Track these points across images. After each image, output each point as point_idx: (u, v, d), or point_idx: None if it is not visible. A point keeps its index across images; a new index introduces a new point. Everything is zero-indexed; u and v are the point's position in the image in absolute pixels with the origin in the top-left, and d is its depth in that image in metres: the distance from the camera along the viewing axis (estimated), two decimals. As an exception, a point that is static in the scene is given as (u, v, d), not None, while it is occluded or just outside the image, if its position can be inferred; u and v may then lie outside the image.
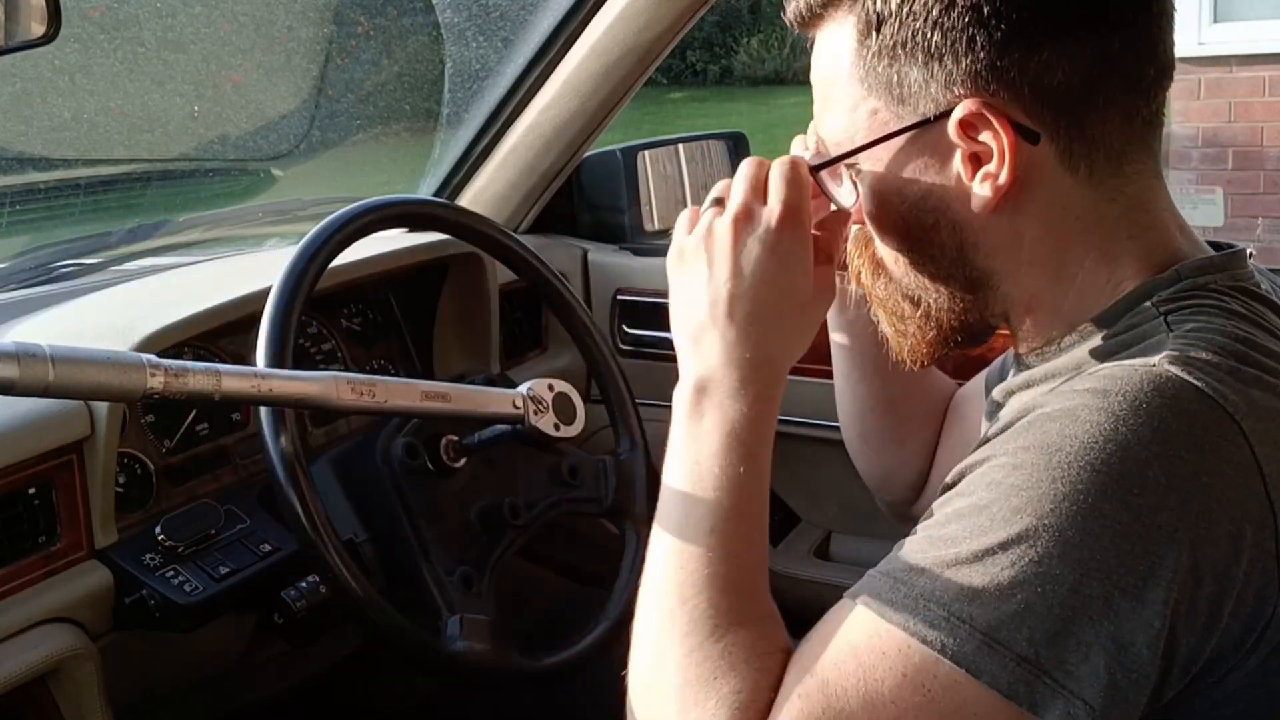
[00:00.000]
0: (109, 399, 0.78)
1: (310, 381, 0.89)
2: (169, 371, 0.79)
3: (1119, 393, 0.63)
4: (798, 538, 1.63)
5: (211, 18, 2.00)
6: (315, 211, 1.65)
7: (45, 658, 0.95)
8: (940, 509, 0.68)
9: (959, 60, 0.70)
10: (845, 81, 0.76)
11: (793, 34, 0.81)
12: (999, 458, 0.66)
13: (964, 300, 0.79)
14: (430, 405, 0.98)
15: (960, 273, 0.77)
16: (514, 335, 1.56)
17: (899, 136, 0.74)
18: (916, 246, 0.77)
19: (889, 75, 0.73)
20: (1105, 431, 0.62)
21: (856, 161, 0.78)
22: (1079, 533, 0.61)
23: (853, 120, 0.76)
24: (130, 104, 1.87)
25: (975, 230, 0.75)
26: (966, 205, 0.74)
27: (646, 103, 8.50)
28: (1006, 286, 0.77)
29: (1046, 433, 0.64)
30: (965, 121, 0.71)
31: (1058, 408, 0.65)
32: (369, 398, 0.92)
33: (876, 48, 0.73)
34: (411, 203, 1.26)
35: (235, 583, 1.03)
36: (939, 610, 0.62)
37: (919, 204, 0.76)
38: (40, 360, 0.73)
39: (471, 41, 1.61)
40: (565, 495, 1.18)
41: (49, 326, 1.15)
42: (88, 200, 1.71)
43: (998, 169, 0.71)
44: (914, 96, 0.73)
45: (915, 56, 0.72)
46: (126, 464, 1.10)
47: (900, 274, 0.80)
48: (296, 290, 1.01)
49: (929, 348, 0.82)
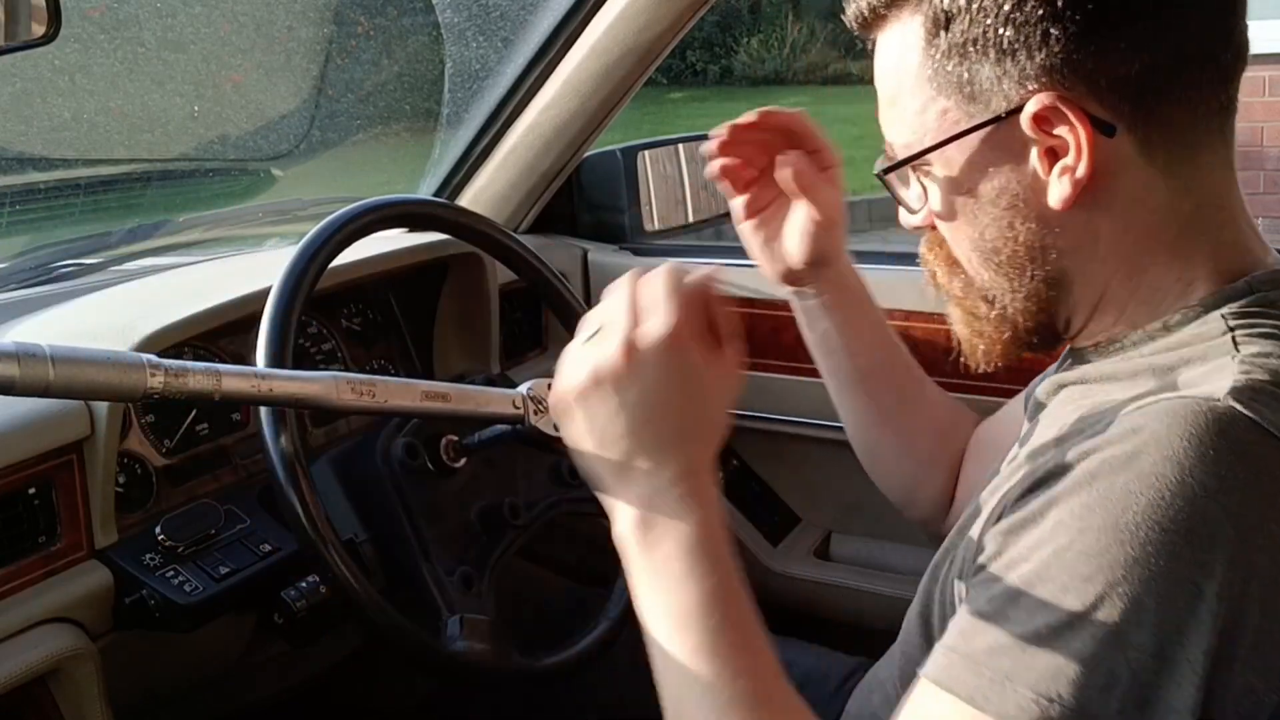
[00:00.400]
0: (109, 399, 0.78)
1: (310, 381, 0.89)
2: (169, 371, 0.79)
3: (1183, 436, 0.62)
4: (798, 538, 1.63)
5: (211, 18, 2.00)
6: (315, 211, 1.65)
7: (45, 658, 0.95)
8: (1002, 568, 0.66)
9: (1032, 55, 0.69)
10: (912, 82, 0.75)
11: (854, 35, 0.80)
12: (1062, 515, 0.64)
13: (1039, 300, 0.77)
14: (430, 405, 0.98)
15: (1036, 271, 0.76)
16: (514, 335, 1.56)
17: (971, 134, 0.73)
18: (991, 245, 0.76)
19: (959, 74, 0.72)
20: (1172, 486, 0.60)
21: (927, 163, 0.76)
22: (1154, 598, 0.59)
23: (922, 121, 0.75)
24: (130, 104, 1.87)
25: (1051, 226, 0.74)
26: (1043, 201, 0.72)
27: (646, 103, 8.50)
28: (1079, 285, 0.76)
29: (1111, 488, 0.62)
30: (1040, 116, 0.70)
31: (1119, 453, 0.63)
32: (369, 398, 0.92)
33: (945, 46, 0.72)
34: (411, 203, 1.26)
35: (235, 583, 1.03)
36: (1026, 693, 0.61)
37: (994, 202, 0.75)
38: (40, 360, 0.73)
39: (471, 41, 1.61)
40: (565, 495, 1.18)
41: (49, 326, 1.15)
42: (88, 200, 1.71)
43: (1075, 162, 0.70)
44: (986, 94, 0.72)
45: (987, 53, 0.70)
46: (126, 464, 1.10)
47: (975, 273, 0.79)
48: (296, 290, 1.01)
49: (1003, 348, 0.81)
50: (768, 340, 1.54)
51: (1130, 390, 0.71)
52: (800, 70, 10.72)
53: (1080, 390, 0.77)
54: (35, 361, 0.72)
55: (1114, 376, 0.74)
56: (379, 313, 1.43)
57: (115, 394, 0.78)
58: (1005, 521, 0.68)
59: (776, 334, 1.54)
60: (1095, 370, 0.77)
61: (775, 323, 1.54)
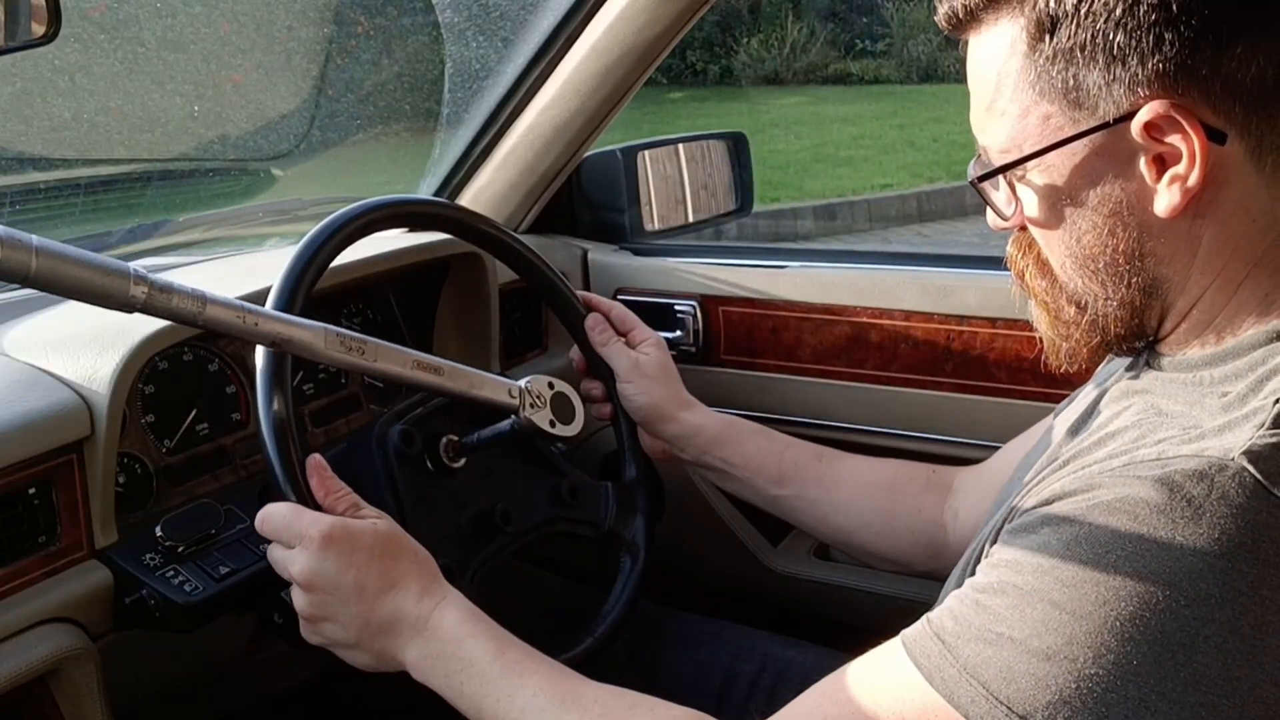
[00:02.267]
0: (89, 301, 0.77)
1: (299, 326, 0.89)
2: (154, 286, 0.79)
3: (1184, 498, 0.62)
4: (798, 538, 1.63)
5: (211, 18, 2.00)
6: (315, 211, 1.65)
7: (45, 658, 0.95)
8: (993, 565, 0.69)
9: (1145, 61, 0.67)
10: (1013, 86, 0.73)
11: (947, 35, 0.78)
12: (1050, 539, 0.65)
13: (1131, 307, 0.76)
14: (421, 376, 0.97)
15: (1133, 278, 0.74)
16: (514, 335, 1.56)
17: (1076, 141, 0.71)
18: (1088, 252, 0.75)
19: (1065, 79, 0.70)
20: (1161, 539, 0.61)
21: (1024, 168, 0.75)
22: (1116, 638, 0.61)
23: (1022, 127, 0.73)
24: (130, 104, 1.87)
25: (1153, 235, 0.72)
26: (1147, 209, 0.71)
27: (646, 103, 8.50)
28: (1174, 292, 0.74)
29: (1101, 530, 0.63)
30: (1151, 124, 0.68)
31: (1117, 496, 0.64)
32: (357, 354, 0.91)
33: (1050, 51, 0.70)
34: (412, 202, 1.26)
35: (235, 582, 1.03)
36: (979, 689, 0.64)
37: (1095, 209, 0.73)
38: (25, 249, 0.72)
39: (471, 41, 1.61)
40: (562, 514, 1.17)
41: (49, 326, 1.15)
42: (88, 200, 1.71)
43: (1187, 171, 0.68)
44: (1093, 100, 0.69)
45: (1095, 59, 0.68)
46: (126, 464, 1.10)
47: (1068, 278, 0.77)
48: (296, 290, 1.00)
49: (1089, 353, 0.80)
50: (768, 340, 1.55)
51: (1177, 418, 0.70)
52: (800, 70, 10.72)
53: (1141, 401, 0.76)
54: (19, 248, 0.72)
55: (1172, 394, 0.73)
56: (379, 312, 1.43)
57: (95, 296, 0.78)
58: (1018, 520, 0.70)
59: (776, 334, 1.54)
60: (1162, 380, 0.75)
61: (775, 323, 1.54)
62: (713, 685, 1.21)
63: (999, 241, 0.86)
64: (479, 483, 1.13)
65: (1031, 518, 0.69)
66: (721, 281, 1.57)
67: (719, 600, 1.51)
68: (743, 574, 1.60)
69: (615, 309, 1.26)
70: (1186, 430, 0.68)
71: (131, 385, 1.04)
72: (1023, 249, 0.81)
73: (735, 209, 1.77)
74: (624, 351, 1.22)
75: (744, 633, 1.28)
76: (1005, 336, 1.38)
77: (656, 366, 1.22)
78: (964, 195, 7.29)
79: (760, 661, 1.22)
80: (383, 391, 1.38)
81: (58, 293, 0.77)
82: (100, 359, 1.02)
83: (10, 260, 0.72)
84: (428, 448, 1.10)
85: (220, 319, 0.84)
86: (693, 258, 1.63)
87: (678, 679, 1.23)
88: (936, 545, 1.16)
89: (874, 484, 1.19)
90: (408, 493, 1.06)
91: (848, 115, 9.46)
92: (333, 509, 0.92)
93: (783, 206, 7.09)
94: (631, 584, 1.16)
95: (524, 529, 1.13)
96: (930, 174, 7.63)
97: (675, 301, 1.59)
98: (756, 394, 1.55)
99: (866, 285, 1.47)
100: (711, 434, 1.22)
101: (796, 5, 11.04)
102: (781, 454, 1.22)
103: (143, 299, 0.78)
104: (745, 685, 1.20)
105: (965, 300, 1.40)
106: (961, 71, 0.79)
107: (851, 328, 1.48)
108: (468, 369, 1.03)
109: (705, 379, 1.55)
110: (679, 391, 1.24)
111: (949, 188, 7.35)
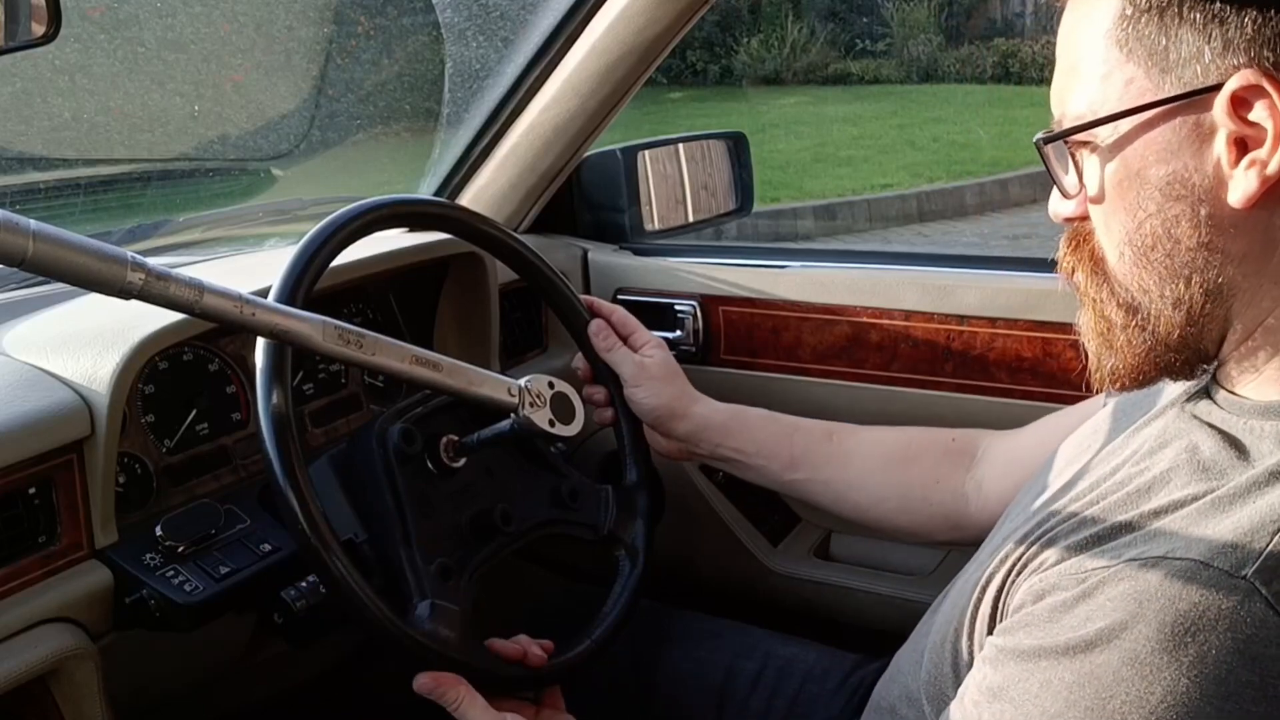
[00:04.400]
0: (86, 286, 0.76)
1: (297, 318, 0.88)
2: (151, 273, 0.78)
3: (1191, 635, 0.58)
4: (798, 538, 1.63)
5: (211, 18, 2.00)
6: (315, 211, 1.65)
7: (45, 658, 0.95)
8: (991, 684, 0.68)
9: (1244, 24, 0.62)
10: (1101, 46, 0.67)
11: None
12: (1050, 677, 0.63)
13: (1188, 312, 0.69)
14: (419, 371, 0.97)
15: (1195, 277, 0.68)
16: (514, 335, 1.56)
17: (1155, 108, 0.65)
18: (1149, 240, 0.68)
19: (1156, 39, 0.65)
20: (1165, 682, 0.58)
21: (1094, 138, 0.69)
22: None
23: (1103, 90, 0.68)
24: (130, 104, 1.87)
25: (1224, 226, 0.66)
26: (1221, 196, 0.65)
27: (646, 103, 8.50)
28: (1239, 304, 0.68)
29: (1103, 669, 0.60)
30: (1238, 97, 0.63)
31: (1114, 623, 0.61)
32: (355, 348, 0.91)
33: (1146, 4, 0.65)
34: (411, 202, 1.26)
35: (235, 582, 1.03)
36: None
37: (1164, 189, 0.67)
38: (23, 232, 0.72)
39: (471, 41, 1.61)
40: (562, 516, 1.17)
41: (49, 326, 1.15)
42: (88, 200, 1.71)
43: (1269, 155, 0.62)
44: (1181, 65, 0.64)
45: (1192, 17, 0.63)
46: (126, 464, 1.10)
47: (1123, 272, 0.71)
48: (296, 290, 1.00)
49: (1138, 365, 0.72)
50: (768, 340, 1.55)
51: (1213, 470, 0.66)
52: (800, 70, 10.73)
53: (1186, 440, 0.70)
54: (16, 232, 0.71)
55: (1227, 437, 0.68)
56: (379, 313, 1.43)
57: (91, 281, 0.77)
58: (1016, 617, 0.69)
59: (777, 334, 1.54)
60: (1219, 417, 0.70)
61: (775, 323, 1.54)
62: (713, 683, 1.21)
63: (999, 242, 0.85)
64: (479, 483, 1.13)
65: (1031, 625, 0.66)
66: (721, 281, 1.57)
67: (720, 600, 1.51)
68: (743, 574, 1.61)
69: (617, 313, 1.26)
70: (1218, 499, 0.64)
71: (131, 385, 1.04)
72: (1076, 244, 0.75)
73: (735, 209, 1.77)
74: (629, 356, 1.22)
75: (744, 631, 1.28)
76: (1005, 336, 1.38)
77: (662, 368, 1.22)
78: (964, 195, 7.29)
79: (761, 659, 1.22)
80: (383, 391, 1.38)
81: (54, 277, 0.76)
82: (100, 359, 1.02)
83: (7, 243, 0.71)
84: (428, 447, 1.10)
85: (217, 308, 0.83)
86: (693, 258, 1.63)
87: (678, 677, 1.23)
88: (957, 516, 1.15)
89: (888, 456, 1.19)
90: (407, 492, 1.06)
91: (848, 115, 9.46)
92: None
93: (783, 206, 7.09)
94: (629, 588, 1.16)
95: (523, 530, 1.13)
96: (930, 174, 7.63)
97: (675, 301, 1.60)
98: (756, 394, 1.55)
99: (866, 285, 1.47)
100: (720, 425, 1.22)
101: (796, 5, 11.04)
102: (791, 437, 1.22)
103: (139, 285, 0.78)
104: (746, 683, 1.20)
105: (965, 300, 1.40)
106: (961, 71, 0.78)
107: (851, 328, 1.48)
108: (467, 366, 1.03)
109: (705, 379, 1.55)
110: (686, 389, 1.24)
111: (949, 188, 7.35)
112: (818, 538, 1.63)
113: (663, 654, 1.26)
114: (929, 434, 1.21)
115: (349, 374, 1.35)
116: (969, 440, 1.18)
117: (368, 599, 0.94)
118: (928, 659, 0.86)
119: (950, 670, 0.81)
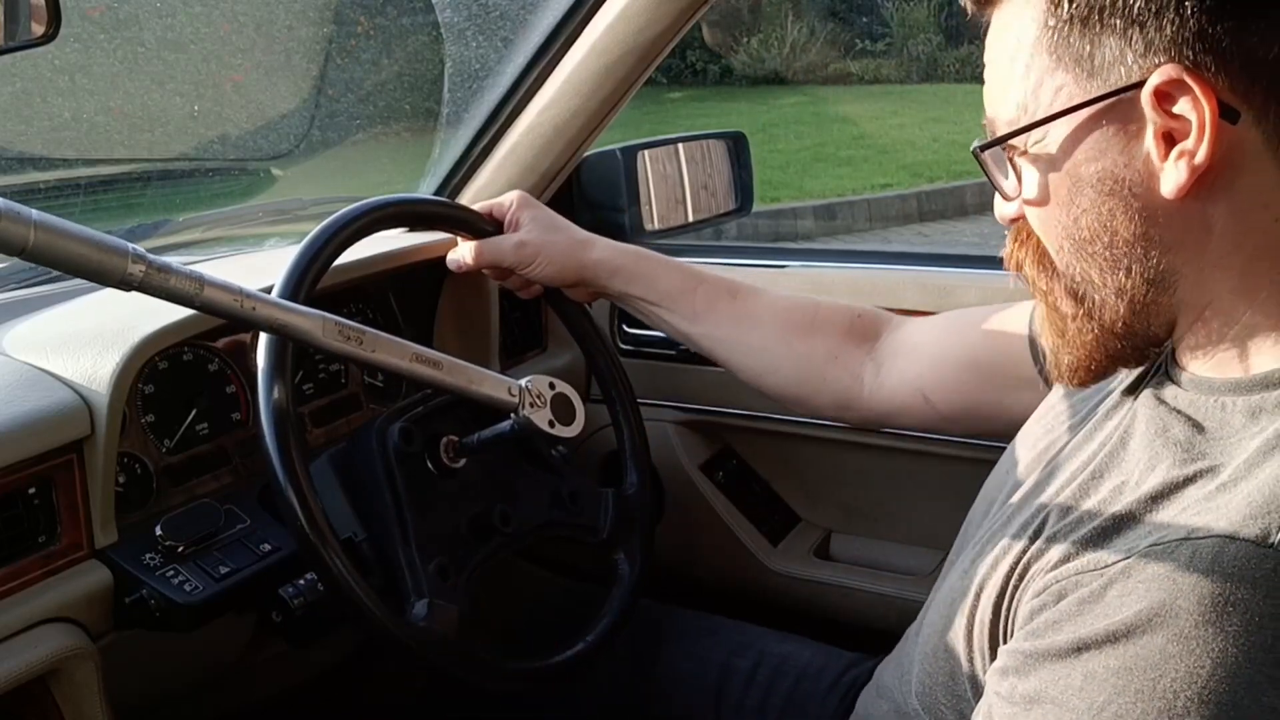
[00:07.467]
0: (86, 277, 0.76)
1: (297, 313, 0.88)
2: (151, 265, 0.78)
3: (1232, 605, 0.58)
4: (798, 538, 1.63)
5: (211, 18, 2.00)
6: (315, 211, 1.65)
7: (45, 658, 0.95)
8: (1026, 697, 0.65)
9: (1163, 26, 0.64)
10: (1028, 56, 0.70)
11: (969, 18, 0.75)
12: (1095, 668, 0.61)
13: (1131, 301, 0.71)
14: (419, 369, 0.97)
15: (1135, 266, 0.70)
16: (514, 335, 1.56)
17: (1084, 109, 0.68)
18: (1087, 234, 0.71)
19: (1081, 45, 0.67)
20: (1214, 654, 0.58)
21: (1027, 143, 0.71)
22: None
23: (1035, 98, 0.70)
24: (130, 104, 1.87)
25: (1159, 218, 0.68)
26: (1153, 189, 0.67)
27: (646, 103, 8.50)
28: (1184, 289, 0.70)
29: (1148, 650, 0.59)
30: (1161, 91, 0.65)
31: (1153, 605, 0.60)
32: (355, 344, 0.91)
33: (1068, 14, 0.67)
34: (412, 202, 1.26)
35: (235, 582, 1.03)
36: None
37: (1096, 186, 0.69)
38: (24, 222, 0.72)
39: (471, 41, 1.61)
40: (561, 518, 1.17)
41: (49, 326, 1.15)
42: (88, 200, 1.71)
43: (1195, 145, 0.64)
44: (1107, 68, 0.67)
45: (1113, 23, 0.65)
46: (126, 464, 1.10)
47: (1066, 264, 0.73)
48: (297, 290, 1.00)
49: (1087, 353, 0.75)
50: (768, 340, 1.54)
51: (1191, 449, 0.67)
52: (800, 70, 10.73)
53: (1152, 416, 0.72)
54: (18, 221, 0.72)
55: (1200, 417, 0.69)
56: (379, 313, 1.43)
57: (91, 272, 0.77)
58: (1037, 621, 0.67)
59: (776, 334, 1.54)
60: (1187, 399, 0.71)
61: (775, 322, 1.54)
62: (709, 680, 1.21)
63: (999, 241, 0.85)
64: (478, 483, 1.13)
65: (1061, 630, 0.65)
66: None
67: (719, 599, 1.51)
68: (742, 573, 1.61)
69: (471, 213, 1.27)
70: (1217, 476, 0.64)
71: (131, 385, 1.04)
72: (1021, 240, 0.78)
73: (735, 209, 1.77)
74: (502, 243, 1.23)
75: (740, 628, 1.28)
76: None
77: (540, 231, 1.23)
78: (964, 195, 7.29)
79: (756, 656, 1.23)
80: (383, 391, 1.38)
81: (55, 267, 0.76)
82: (100, 359, 1.02)
83: (8, 232, 0.71)
84: (428, 447, 1.10)
85: (217, 301, 0.83)
86: (693, 258, 1.63)
87: (675, 674, 1.23)
88: (849, 397, 1.17)
89: (789, 323, 1.20)
90: (407, 491, 1.06)
91: (847, 115, 9.46)
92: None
93: (783, 206, 7.09)
94: (627, 591, 1.16)
95: (522, 531, 1.13)
96: (930, 174, 7.64)
97: (675, 301, 1.59)
98: (757, 394, 1.55)
99: (866, 285, 1.47)
100: (624, 269, 1.23)
101: (796, 5, 11.04)
102: (695, 290, 1.23)
103: (140, 277, 0.78)
104: (742, 680, 1.20)
105: (965, 300, 1.40)
106: (961, 71, 0.79)
107: (851, 327, 1.48)
108: (467, 365, 1.03)
109: (704, 379, 1.55)
110: (572, 237, 1.25)
111: (949, 188, 7.35)
112: (817, 538, 1.63)
113: (660, 651, 1.26)
114: (833, 308, 1.21)
115: (349, 374, 1.35)
116: (873, 319, 1.19)
117: (365, 597, 0.94)
118: (919, 669, 0.85)
119: (947, 679, 0.81)
